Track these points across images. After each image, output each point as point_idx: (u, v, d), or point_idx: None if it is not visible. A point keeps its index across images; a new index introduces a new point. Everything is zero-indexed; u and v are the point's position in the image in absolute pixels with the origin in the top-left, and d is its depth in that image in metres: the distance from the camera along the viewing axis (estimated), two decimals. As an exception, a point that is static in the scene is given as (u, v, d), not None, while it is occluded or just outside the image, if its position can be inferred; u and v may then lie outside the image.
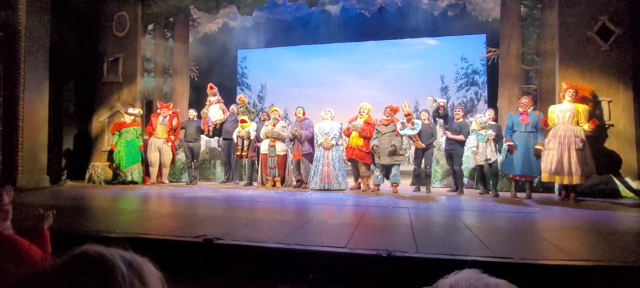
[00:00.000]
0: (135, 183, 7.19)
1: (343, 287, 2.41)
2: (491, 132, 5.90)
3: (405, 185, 6.97)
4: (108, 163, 7.59)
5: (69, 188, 6.79)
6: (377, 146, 6.24)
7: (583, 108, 5.37)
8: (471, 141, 6.00)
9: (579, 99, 5.51)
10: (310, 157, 6.81)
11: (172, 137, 7.56)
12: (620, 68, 5.91)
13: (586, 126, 5.32)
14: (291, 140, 6.90)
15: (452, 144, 6.21)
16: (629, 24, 5.87)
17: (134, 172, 7.24)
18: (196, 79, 10.69)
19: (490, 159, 5.83)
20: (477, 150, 5.86)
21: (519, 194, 5.72)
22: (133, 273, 0.57)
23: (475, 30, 11.51)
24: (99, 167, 7.54)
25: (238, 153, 7.26)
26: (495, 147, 5.99)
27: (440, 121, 6.99)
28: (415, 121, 6.20)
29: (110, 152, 7.49)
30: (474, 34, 11.91)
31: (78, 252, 0.58)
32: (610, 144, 5.86)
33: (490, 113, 6.63)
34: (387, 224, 3.67)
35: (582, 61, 6.06)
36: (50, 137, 7.22)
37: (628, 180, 5.71)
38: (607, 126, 5.88)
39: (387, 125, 6.28)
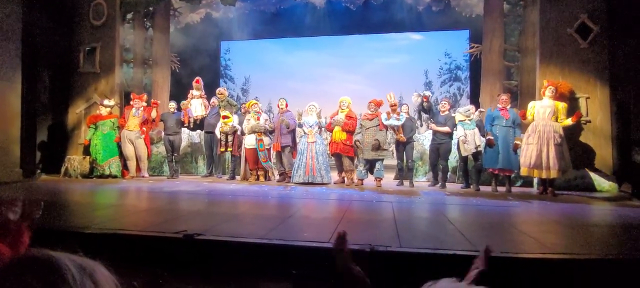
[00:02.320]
0: (114, 177, 6.99)
1: (326, 282, 2.39)
2: (477, 114, 5.98)
3: (389, 180, 7.00)
4: (84, 156, 7.34)
5: (44, 182, 6.56)
6: (359, 141, 6.23)
7: (562, 105, 5.51)
8: (458, 132, 6.03)
9: (558, 96, 5.64)
10: (289, 149, 6.75)
11: (144, 128, 7.32)
12: (598, 65, 6.06)
13: (569, 120, 5.46)
14: (271, 132, 6.80)
15: (440, 139, 6.25)
16: (607, 22, 6.01)
17: (112, 165, 7.03)
18: (177, 71, 10.45)
19: (479, 146, 5.88)
20: (466, 139, 5.88)
21: (499, 188, 5.82)
22: (84, 275, 0.53)
23: (458, 26, 11.63)
24: (75, 161, 7.29)
25: (222, 149, 7.12)
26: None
27: (425, 116, 7.03)
28: (401, 113, 6.23)
29: (87, 145, 7.25)
30: (458, 30, 12.03)
31: (24, 256, 0.54)
32: (587, 140, 6.02)
33: (472, 108, 6.72)
34: (371, 219, 3.67)
35: (562, 58, 6.19)
36: (23, 130, 6.91)
37: (603, 174, 5.88)
38: (584, 122, 6.03)
39: (372, 119, 6.28)
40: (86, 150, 7.33)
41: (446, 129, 6.19)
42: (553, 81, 5.74)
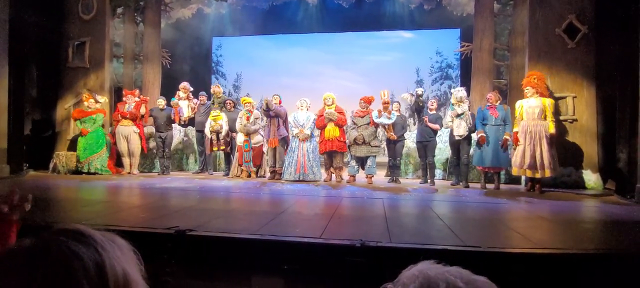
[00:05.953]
0: (94, 174, 6.82)
1: (318, 277, 2.42)
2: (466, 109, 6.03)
3: (381, 177, 7.06)
4: (73, 152, 7.23)
5: (32, 178, 6.47)
6: (361, 135, 6.18)
7: (549, 102, 5.56)
8: (454, 112, 6.01)
9: (541, 90, 5.65)
10: (284, 142, 6.73)
11: (143, 122, 7.24)
12: (585, 65, 6.17)
13: (552, 129, 5.43)
14: (266, 112, 6.56)
15: (428, 136, 6.31)
16: (594, 23, 6.12)
17: (94, 162, 6.87)
18: (168, 66, 10.36)
19: (470, 128, 5.91)
20: (463, 117, 5.86)
21: (487, 185, 5.91)
22: (107, 239, 0.61)
23: (450, 25, 11.73)
24: (64, 157, 7.19)
25: (216, 149, 7.06)
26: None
27: (415, 115, 7.08)
28: (392, 112, 6.27)
29: (74, 141, 7.14)
30: (449, 29, 12.13)
31: (55, 228, 0.60)
32: (573, 138, 6.14)
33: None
34: (362, 215, 3.71)
35: (550, 58, 6.28)
36: (11, 125, 6.79)
37: (588, 171, 6.01)
38: (571, 121, 6.14)
39: (363, 117, 6.32)
40: (73, 146, 7.21)
41: (436, 126, 6.27)
42: (528, 81, 5.69)
